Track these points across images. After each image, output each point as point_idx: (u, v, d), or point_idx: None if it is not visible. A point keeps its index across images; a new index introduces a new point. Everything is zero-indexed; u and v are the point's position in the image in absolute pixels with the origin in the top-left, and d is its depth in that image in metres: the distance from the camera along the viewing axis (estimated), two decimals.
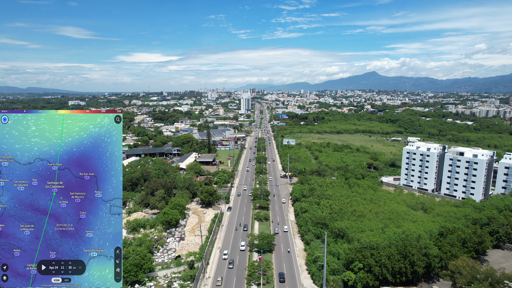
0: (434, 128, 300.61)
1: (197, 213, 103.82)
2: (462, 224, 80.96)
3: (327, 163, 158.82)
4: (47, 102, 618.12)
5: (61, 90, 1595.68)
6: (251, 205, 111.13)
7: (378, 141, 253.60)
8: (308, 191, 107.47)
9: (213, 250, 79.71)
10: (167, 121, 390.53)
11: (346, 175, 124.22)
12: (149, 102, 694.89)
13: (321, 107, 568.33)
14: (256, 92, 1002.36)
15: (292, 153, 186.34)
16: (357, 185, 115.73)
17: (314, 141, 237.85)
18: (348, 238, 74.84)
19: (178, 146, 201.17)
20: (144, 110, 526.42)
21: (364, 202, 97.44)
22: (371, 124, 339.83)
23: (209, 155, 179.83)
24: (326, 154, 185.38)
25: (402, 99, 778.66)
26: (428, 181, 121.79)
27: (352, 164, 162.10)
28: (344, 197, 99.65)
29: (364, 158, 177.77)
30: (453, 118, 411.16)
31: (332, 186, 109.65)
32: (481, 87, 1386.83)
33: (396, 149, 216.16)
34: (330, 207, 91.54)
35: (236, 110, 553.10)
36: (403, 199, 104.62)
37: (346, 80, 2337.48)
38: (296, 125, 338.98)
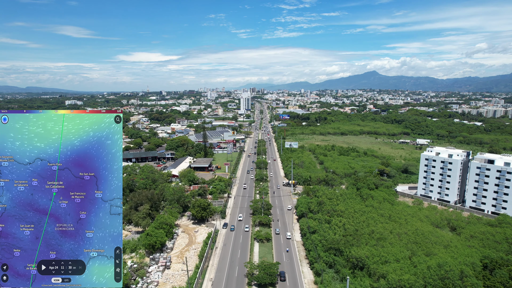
0: (442, 129, 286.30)
1: (187, 231, 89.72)
2: (504, 250, 67.01)
3: (334, 170, 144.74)
4: (45, 102, 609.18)
5: (61, 90, 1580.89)
6: (250, 220, 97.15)
7: (385, 143, 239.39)
8: (315, 205, 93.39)
9: (204, 282, 65.71)
10: (163, 122, 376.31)
11: (358, 185, 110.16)
12: (148, 101, 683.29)
13: (322, 107, 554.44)
14: (256, 92, 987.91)
15: (295, 157, 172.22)
16: (370, 197, 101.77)
17: (317, 144, 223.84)
18: (369, 271, 60.85)
19: (172, 150, 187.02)
20: (142, 110, 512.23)
21: (382, 219, 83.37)
22: (376, 125, 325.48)
23: (205, 160, 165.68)
24: (332, 159, 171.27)
25: (404, 98, 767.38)
26: (450, 192, 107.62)
27: (361, 170, 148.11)
28: (359, 213, 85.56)
29: (374, 163, 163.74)
30: (460, 118, 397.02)
31: (344, 199, 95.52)
32: (481, 86, 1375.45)
33: (405, 153, 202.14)
34: (344, 227, 77.44)
35: (236, 110, 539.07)
36: (425, 214, 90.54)
37: (346, 80, 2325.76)
38: (297, 126, 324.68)
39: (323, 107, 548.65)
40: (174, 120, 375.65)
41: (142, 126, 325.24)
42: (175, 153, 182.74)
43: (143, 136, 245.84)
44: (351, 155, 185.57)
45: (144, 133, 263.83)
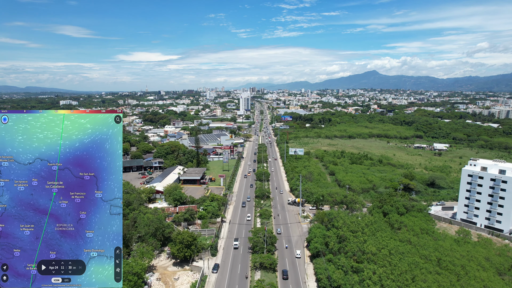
0: (458, 132, 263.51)
1: (164, 279, 66.97)
2: None
3: (348, 183, 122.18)
4: (39, 102, 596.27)
5: (60, 90, 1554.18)
6: (248, 259, 74.55)
7: (399, 149, 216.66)
8: (335, 241, 70.66)
9: None
10: (158, 123, 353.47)
11: (384, 208, 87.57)
12: (145, 101, 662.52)
13: (325, 107, 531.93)
14: (256, 91, 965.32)
15: (301, 166, 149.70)
16: (403, 226, 79.37)
17: (324, 149, 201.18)
18: None
19: (161, 157, 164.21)
20: (137, 110, 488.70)
21: (429, 267, 60.73)
22: (385, 127, 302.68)
23: (196, 171, 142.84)
24: (344, 168, 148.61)
25: (407, 98, 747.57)
26: (503, 219, 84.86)
27: (380, 183, 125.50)
28: (396, 256, 62.78)
29: (393, 174, 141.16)
30: (471, 119, 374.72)
31: (371, 232, 72.73)
32: (482, 86, 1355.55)
33: (424, 160, 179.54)
34: (381, 283, 54.77)
35: (235, 110, 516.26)
36: (484, 255, 67.87)
37: (346, 79, 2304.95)
38: (301, 128, 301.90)
39: (325, 107, 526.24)
40: (169, 122, 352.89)
41: (133, 129, 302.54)
42: (163, 162, 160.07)
43: (132, 140, 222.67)
44: (365, 163, 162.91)
45: (134, 137, 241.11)
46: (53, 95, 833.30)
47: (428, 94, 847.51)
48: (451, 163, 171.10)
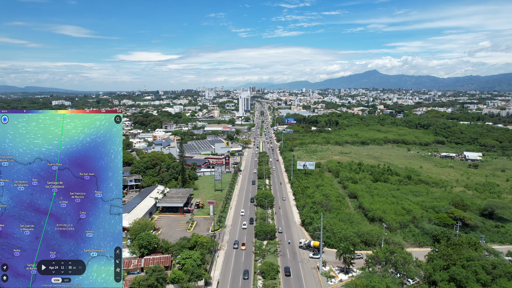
0: (486, 137, 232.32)
1: None
2: None
3: (380, 215, 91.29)
4: (32, 102, 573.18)
5: (60, 90, 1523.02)
6: None
7: (423, 158, 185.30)
8: None
9: None
10: (148, 126, 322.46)
11: (454, 272, 56.50)
12: (142, 101, 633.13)
13: (328, 108, 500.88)
14: (256, 91, 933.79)
15: (313, 186, 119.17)
16: None
17: (337, 159, 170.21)
18: None
19: (139, 173, 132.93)
20: (131, 111, 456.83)
21: None
22: (400, 131, 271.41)
23: (180, 193, 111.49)
24: (367, 189, 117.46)
25: (411, 98, 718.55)
26: None
27: (423, 214, 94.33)
28: None
29: (429, 196, 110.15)
30: (490, 121, 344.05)
31: None
32: (484, 85, 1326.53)
33: (459, 174, 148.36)
34: None
35: (234, 111, 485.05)
36: None
37: (347, 79, 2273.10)
38: (306, 132, 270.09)
39: (329, 108, 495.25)
40: (160, 125, 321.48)
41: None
42: (141, 179, 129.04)
43: None
44: (390, 180, 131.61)
45: None
46: (49, 95, 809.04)
47: (432, 94, 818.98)
48: (495, 178, 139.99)
